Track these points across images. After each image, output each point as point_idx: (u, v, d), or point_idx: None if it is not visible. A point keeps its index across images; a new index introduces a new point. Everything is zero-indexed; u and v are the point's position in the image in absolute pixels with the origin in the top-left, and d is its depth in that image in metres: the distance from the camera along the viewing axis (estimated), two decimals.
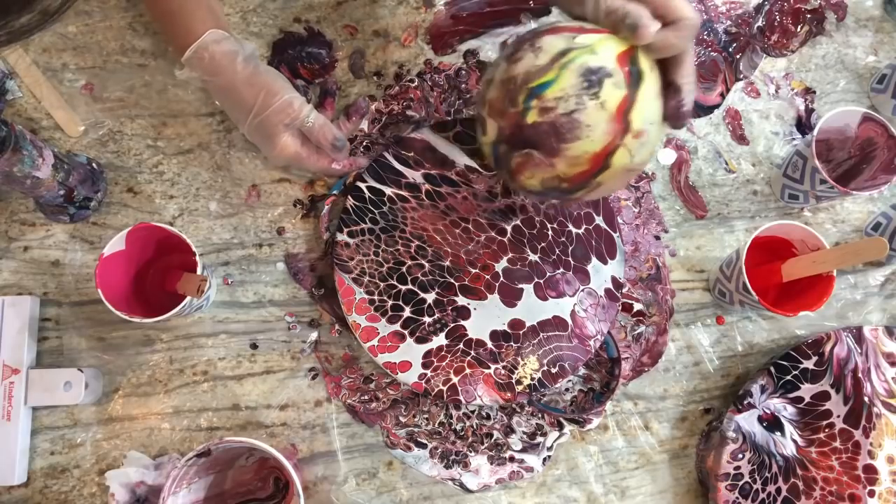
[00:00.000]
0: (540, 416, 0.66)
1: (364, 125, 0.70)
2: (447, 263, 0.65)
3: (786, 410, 0.64)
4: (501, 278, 0.65)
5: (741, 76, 0.75)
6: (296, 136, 0.62)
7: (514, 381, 0.63)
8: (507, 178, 0.54)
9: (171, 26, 0.60)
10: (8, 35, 0.30)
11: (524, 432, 0.66)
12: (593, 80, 0.46)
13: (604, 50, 0.47)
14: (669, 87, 0.49)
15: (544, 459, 0.65)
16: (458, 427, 0.65)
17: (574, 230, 0.67)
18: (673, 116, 0.50)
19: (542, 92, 0.47)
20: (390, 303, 0.64)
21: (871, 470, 0.63)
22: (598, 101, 0.47)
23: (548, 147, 0.48)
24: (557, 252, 0.66)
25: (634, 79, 0.47)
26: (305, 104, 0.61)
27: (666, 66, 0.49)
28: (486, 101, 0.52)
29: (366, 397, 0.65)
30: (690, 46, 0.48)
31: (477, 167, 0.67)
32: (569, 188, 0.51)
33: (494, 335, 0.63)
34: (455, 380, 0.62)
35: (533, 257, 0.66)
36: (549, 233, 0.66)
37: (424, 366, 0.62)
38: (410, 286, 0.64)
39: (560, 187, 0.51)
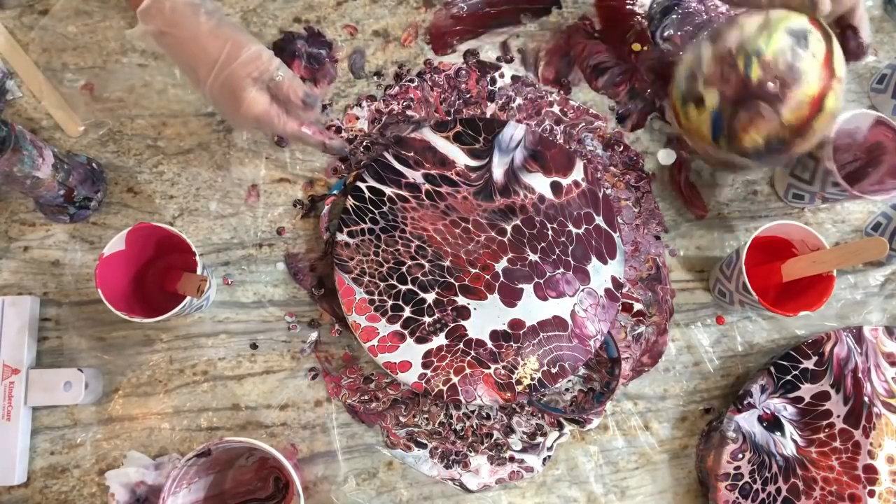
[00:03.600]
0: (540, 416, 0.66)
1: (364, 125, 0.70)
2: (447, 263, 0.65)
3: (786, 410, 0.64)
4: (501, 278, 0.65)
5: None
6: (264, 93, 0.58)
7: (514, 381, 0.62)
8: (728, 141, 0.61)
9: None
10: None
11: (524, 432, 0.66)
12: (800, 35, 0.56)
13: (796, 16, 0.57)
14: (847, 32, 0.59)
15: (544, 459, 0.65)
16: (458, 427, 0.65)
17: (574, 230, 0.67)
18: (855, 54, 0.60)
19: (761, 52, 0.56)
20: (390, 303, 0.64)
21: (871, 470, 0.63)
22: (809, 51, 0.56)
23: (773, 96, 0.56)
24: (557, 252, 0.66)
25: (826, 34, 0.57)
26: (274, 57, 0.58)
27: (840, 18, 0.59)
28: (703, 76, 0.60)
29: (366, 397, 0.65)
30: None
31: (477, 166, 0.67)
32: (789, 138, 0.58)
33: (494, 335, 0.63)
34: (455, 380, 0.62)
35: (533, 257, 0.66)
36: (549, 233, 0.66)
37: (424, 366, 0.62)
38: (410, 286, 0.64)
39: (782, 138, 0.58)
